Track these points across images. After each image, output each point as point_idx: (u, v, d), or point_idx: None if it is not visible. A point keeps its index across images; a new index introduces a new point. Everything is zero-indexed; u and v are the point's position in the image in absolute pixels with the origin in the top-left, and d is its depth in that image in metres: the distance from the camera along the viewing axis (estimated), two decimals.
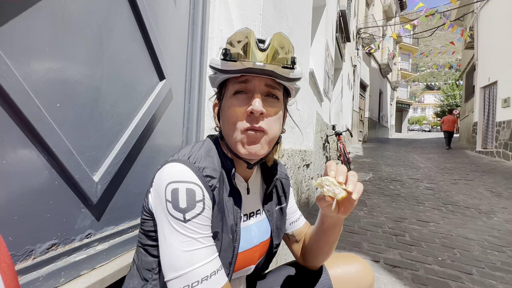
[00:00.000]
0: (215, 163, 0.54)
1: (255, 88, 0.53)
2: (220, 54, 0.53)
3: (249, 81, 0.53)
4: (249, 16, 1.12)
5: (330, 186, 0.50)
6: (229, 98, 0.54)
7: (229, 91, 0.55)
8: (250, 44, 0.50)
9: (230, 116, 0.53)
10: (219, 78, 0.56)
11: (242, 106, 0.52)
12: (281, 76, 0.53)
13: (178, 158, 0.51)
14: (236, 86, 0.54)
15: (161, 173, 0.50)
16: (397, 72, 21.21)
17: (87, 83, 0.63)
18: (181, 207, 0.46)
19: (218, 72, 0.54)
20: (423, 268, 1.76)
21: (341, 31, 6.15)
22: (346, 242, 2.13)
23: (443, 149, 9.46)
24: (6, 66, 0.47)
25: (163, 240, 0.47)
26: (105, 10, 0.67)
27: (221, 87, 0.58)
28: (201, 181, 0.49)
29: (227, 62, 0.52)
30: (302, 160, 2.18)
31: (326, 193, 0.50)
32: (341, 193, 0.49)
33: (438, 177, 4.79)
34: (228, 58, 0.51)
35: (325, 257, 0.69)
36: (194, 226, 0.47)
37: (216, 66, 0.54)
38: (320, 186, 0.51)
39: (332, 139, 5.10)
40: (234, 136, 0.53)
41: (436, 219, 2.72)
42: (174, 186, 0.47)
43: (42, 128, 0.53)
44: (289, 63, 0.53)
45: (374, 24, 12.14)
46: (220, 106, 0.58)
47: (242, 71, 0.52)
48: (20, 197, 0.51)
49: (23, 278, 0.51)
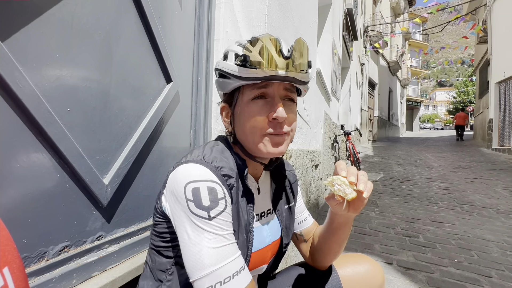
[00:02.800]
0: (231, 163, 0.54)
1: (274, 93, 0.53)
2: (236, 60, 0.52)
3: (268, 86, 0.53)
4: (254, 17, 1.12)
5: (341, 186, 0.49)
6: (246, 103, 0.54)
7: (246, 96, 0.54)
8: (273, 51, 0.50)
9: (250, 121, 0.53)
10: (234, 84, 0.53)
11: (262, 111, 0.53)
12: (299, 81, 0.54)
13: (192, 159, 0.51)
14: (254, 91, 0.53)
15: (176, 174, 0.49)
16: (407, 69, 20.77)
17: (96, 87, 0.64)
18: (204, 205, 0.46)
19: (234, 78, 0.52)
20: (438, 271, 1.71)
21: (348, 30, 6.08)
22: (357, 244, 2.09)
23: (457, 147, 9.19)
24: (19, 72, 0.48)
25: (186, 240, 0.46)
26: (113, 16, 0.68)
27: (233, 91, 0.57)
28: (220, 180, 0.50)
29: (247, 69, 0.50)
30: (310, 161, 2.16)
31: (337, 193, 0.49)
32: (351, 194, 0.49)
33: (452, 176, 4.64)
34: (249, 65, 0.50)
35: (334, 257, 0.68)
36: (219, 223, 0.47)
37: (233, 72, 0.52)
38: (330, 185, 0.50)
39: (341, 139, 5.03)
40: (254, 139, 0.54)
41: (451, 220, 2.63)
42: (195, 186, 0.47)
43: (53, 132, 0.54)
44: (307, 68, 0.54)
45: (381, 22, 11.95)
46: (234, 110, 0.57)
47: (263, 78, 0.51)
48: (33, 200, 0.52)
49: (37, 279, 0.52)
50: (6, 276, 0.21)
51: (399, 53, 15.43)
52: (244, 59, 0.50)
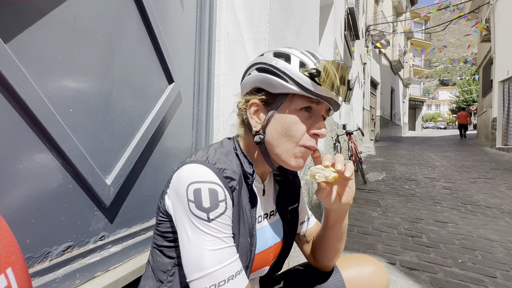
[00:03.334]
0: (234, 166, 0.54)
1: (320, 111, 0.56)
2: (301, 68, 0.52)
3: (318, 105, 0.55)
4: (255, 17, 1.12)
5: (320, 172, 0.51)
6: (293, 111, 0.54)
7: (296, 104, 0.54)
8: (342, 80, 0.52)
9: (293, 129, 0.54)
10: (290, 89, 0.52)
11: (306, 123, 0.55)
12: (338, 107, 0.58)
13: (196, 160, 0.51)
14: (306, 103, 0.54)
15: (180, 174, 0.50)
16: (409, 68, 20.66)
17: (99, 88, 0.64)
18: (204, 206, 0.46)
19: (294, 84, 0.51)
20: (442, 271, 1.69)
21: (349, 29, 6.06)
22: (360, 244, 2.08)
23: (460, 147, 9.12)
24: (22, 74, 0.49)
25: (186, 240, 0.47)
26: (115, 17, 0.68)
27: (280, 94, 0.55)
28: (222, 181, 0.50)
29: (316, 85, 0.52)
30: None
31: (319, 180, 0.51)
32: (331, 174, 0.50)
33: (456, 176, 4.60)
34: (318, 80, 0.51)
35: (335, 255, 0.67)
36: (218, 225, 0.47)
37: (300, 81, 0.51)
38: (312, 177, 0.52)
39: (343, 139, 5.01)
40: (288, 148, 0.54)
41: (455, 220, 2.61)
42: (196, 186, 0.47)
43: (56, 133, 0.54)
44: (349, 102, 0.58)
45: (383, 21, 11.90)
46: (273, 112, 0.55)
47: (322, 97, 0.53)
48: (37, 200, 0.52)
49: (41, 279, 0.52)
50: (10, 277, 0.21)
51: (401, 52, 15.35)
52: (317, 73, 0.51)
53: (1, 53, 0.46)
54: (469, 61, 13.02)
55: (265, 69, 0.54)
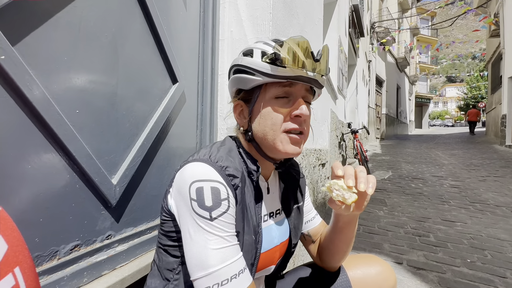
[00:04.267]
0: (237, 163, 0.54)
1: (297, 93, 0.55)
2: (263, 58, 0.52)
3: (293, 86, 0.54)
4: (259, 15, 1.12)
5: (340, 191, 0.48)
6: (269, 100, 0.54)
7: (270, 93, 0.54)
8: (305, 53, 0.51)
9: (272, 118, 0.54)
10: (258, 80, 0.53)
11: (284, 109, 0.54)
12: (319, 84, 0.56)
13: (199, 158, 0.52)
14: (279, 90, 0.54)
15: (183, 173, 0.50)
16: (415, 65, 20.34)
17: (104, 89, 0.65)
18: (206, 205, 0.46)
19: (260, 75, 0.53)
20: (450, 271, 1.67)
21: (354, 27, 6.00)
22: (365, 243, 2.06)
23: (469, 144, 8.95)
24: (29, 75, 0.50)
25: (188, 239, 0.47)
26: (119, 18, 0.69)
27: (254, 89, 0.57)
28: (224, 180, 0.50)
29: (277, 68, 0.51)
30: (317, 160, 2.14)
31: (336, 198, 0.49)
32: (351, 198, 0.48)
33: (464, 174, 4.52)
34: (279, 63, 0.51)
35: (342, 257, 0.67)
36: (220, 224, 0.47)
37: (260, 69, 0.52)
38: (329, 190, 0.50)
39: (348, 137, 4.97)
40: (273, 137, 0.54)
41: (463, 219, 2.56)
42: (199, 185, 0.47)
43: (63, 134, 0.55)
44: (326, 72, 0.56)
45: (389, 18, 11.74)
46: (253, 107, 0.57)
47: (291, 77, 0.52)
48: (45, 200, 0.53)
49: (49, 277, 0.53)
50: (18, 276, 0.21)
51: (407, 49, 15.12)
52: (275, 57, 0.50)
53: (9, 55, 0.47)
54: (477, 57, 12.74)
55: (237, 70, 0.57)
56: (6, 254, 0.21)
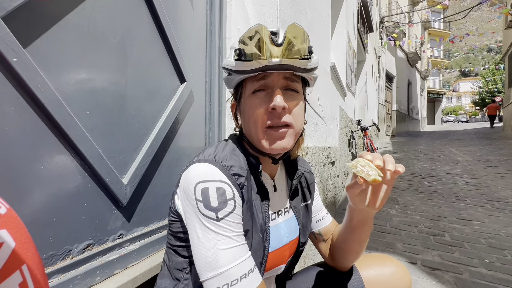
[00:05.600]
0: (241, 162, 0.54)
1: (274, 83, 0.52)
2: (234, 55, 0.52)
3: (267, 77, 0.52)
4: (266, 12, 1.10)
5: (365, 167, 0.47)
6: (248, 97, 0.54)
7: (247, 90, 0.54)
8: (264, 40, 0.49)
9: (252, 114, 0.53)
10: (236, 79, 0.55)
11: (263, 103, 0.52)
12: (299, 68, 0.52)
13: (203, 158, 0.51)
14: (254, 84, 0.53)
15: (188, 174, 0.50)
16: (427, 60, 19.76)
17: (113, 89, 0.66)
18: (212, 206, 0.46)
19: (234, 73, 0.54)
20: (467, 271, 1.61)
21: (362, 22, 5.88)
22: (378, 243, 2.02)
23: (485, 140, 8.63)
24: (41, 77, 0.50)
25: (196, 240, 0.47)
26: (127, 19, 0.69)
27: (237, 87, 0.58)
28: (229, 179, 0.49)
29: (242, 63, 0.51)
30: (326, 158, 2.11)
31: (359, 174, 0.47)
32: (374, 175, 0.46)
33: (480, 171, 4.36)
34: (243, 58, 0.50)
35: (355, 257, 0.65)
36: (227, 224, 0.46)
37: (230, 67, 0.53)
38: (353, 166, 0.48)
39: (358, 135, 4.89)
40: (257, 134, 0.53)
41: (480, 217, 2.47)
42: (204, 186, 0.47)
43: (74, 134, 0.56)
44: (306, 53, 0.51)
45: (398, 12, 11.45)
46: (239, 106, 0.58)
47: (258, 69, 0.51)
48: (58, 200, 0.54)
49: (63, 276, 0.54)
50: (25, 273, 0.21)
51: (418, 44, 14.70)
52: (239, 52, 0.50)
53: (21, 58, 0.47)
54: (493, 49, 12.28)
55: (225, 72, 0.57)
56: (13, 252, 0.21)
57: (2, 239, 0.21)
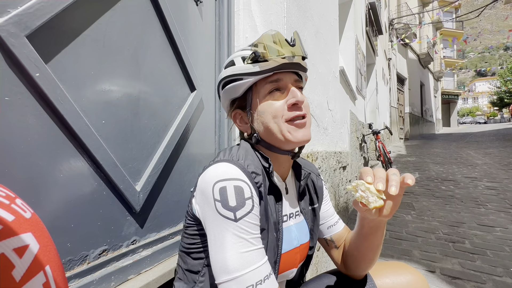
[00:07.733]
0: (256, 162, 0.55)
1: (287, 83, 0.57)
2: (247, 59, 0.55)
3: (280, 79, 0.56)
4: (273, 20, 1.12)
5: (365, 193, 0.45)
6: (263, 98, 0.56)
7: (262, 91, 0.56)
8: (281, 42, 0.54)
9: (272, 112, 0.55)
10: (247, 84, 0.56)
11: (282, 99, 0.56)
12: (303, 67, 0.58)
13: (220, 159, 0.53)
14: (268, 86, 0.56)
15: (206, 174, 0.51)
16: (440, 60, 19.28)
17: (127, 100, 0.68)
18: (230, 205, 0.46)
19: (248, 76, 0.55)
20: (491, 281, 1.53)
21: (371, 25, 5.84)
22: (393, 250, 1.96)
23: (505, 142, 8.25)
24: (60, 90, 0.53)
25: (213, 242, 0.47)
26: (140, 32, 0.72)
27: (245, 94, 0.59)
28: (247, 177, 0.50)
29: (260, 64, 0.54)
30: (338, 162, 2.08)
31: (359, 199, 0.46)
32: (375, 202, 0.44)
33: (501, 175, 4.16)
34: (261, 59, 0.53)
35: (369, 265, 0.63)
36: (245, 225, 0.46)
37: (245, 71, 0.55)
38: (354, 190, 0.47)
39: (369, 139, 4.80)
40: (280, 130, 0.55)
41: (503, 224, 2.35)
42: (222, 185, 0.47)
43: (91, 144, 0.58)
44: (305, 54, 0.58)
45: (408, 13, 11.29)
46: (250, 110, 0.58)
47: (275, 68, 0.54)
48: (75, 206, 0.56)
49: (80, 281, 0.56)
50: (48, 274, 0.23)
51: (430, 44, 14.39)
52: (255, 55, 0.54)
53: (43, 73, 0.50)
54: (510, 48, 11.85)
55: (224, 83, 0.59)
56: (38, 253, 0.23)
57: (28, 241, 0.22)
